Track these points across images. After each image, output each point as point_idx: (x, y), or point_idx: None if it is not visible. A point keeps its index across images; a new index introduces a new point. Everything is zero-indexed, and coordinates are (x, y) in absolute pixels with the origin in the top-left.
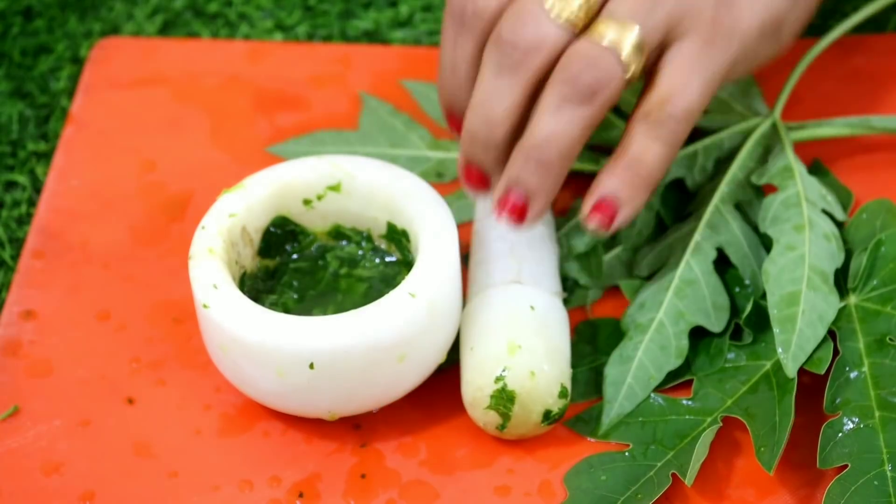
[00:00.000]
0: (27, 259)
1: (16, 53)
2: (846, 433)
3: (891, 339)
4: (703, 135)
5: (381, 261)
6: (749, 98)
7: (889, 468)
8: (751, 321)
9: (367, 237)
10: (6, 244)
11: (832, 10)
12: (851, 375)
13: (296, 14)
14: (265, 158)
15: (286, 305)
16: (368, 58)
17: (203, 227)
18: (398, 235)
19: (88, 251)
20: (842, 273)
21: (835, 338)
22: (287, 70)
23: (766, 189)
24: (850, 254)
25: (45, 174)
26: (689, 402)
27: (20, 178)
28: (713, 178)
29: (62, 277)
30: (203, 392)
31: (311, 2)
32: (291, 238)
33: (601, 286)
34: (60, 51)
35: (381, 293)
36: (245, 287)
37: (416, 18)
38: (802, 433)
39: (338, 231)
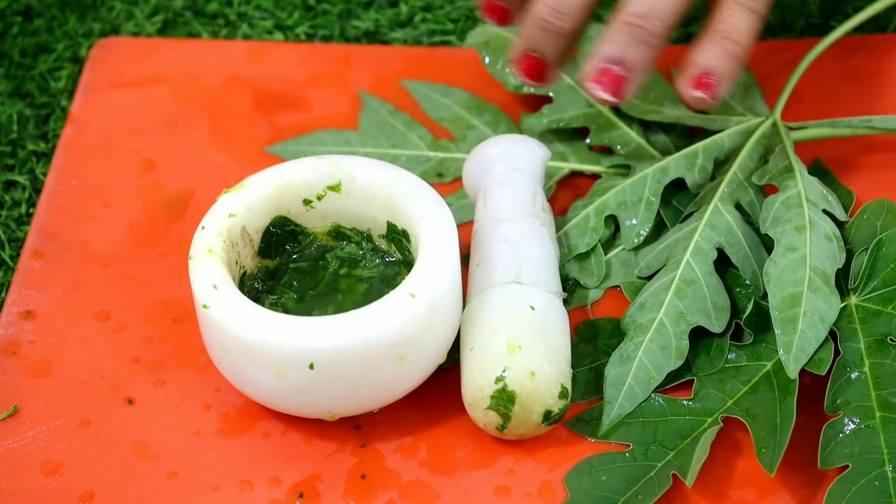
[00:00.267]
0: (27, 259)
1: (16, 53)
2: (847, 434)
3: (891, 340)
4: (704, 135)
5: (381, 261)
6: (749, 98)
7: (890, 468)
8: (751, 322)
9: (367, 237)
10: (6, 244)
11: (833, 10)
12: (852, 376)
13: (296, 14)
14: (265, 158)
15: (286, 306)
16: (368, 58)
17: (203, 227)
18: (398, 235)
19: (88, 251)
20: (842, 273)
21: (836, 338)
22: (287, 70)
23: (767, 189)
24: (851, 254)
25: (45, 174)
26: (690, 403)
27: (20, 178)
28: (714, 178)
29: (62, 277)
30: (203, 392)
31: (311, 2)
32: (291, 238)
33: (601, 286)
34: (60, 51)
35: (381, 293)
36: (245, 287)
37: (416, 18)
38: (803, 433)
39: (338, 231)
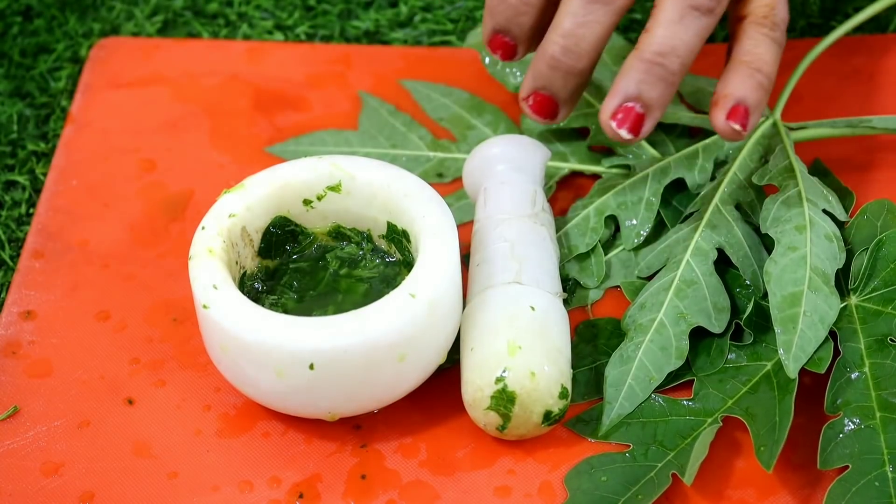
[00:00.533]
0: (27, 259)
1: (16, 53)
2: (847, 434)
3: (891, 340)
4: (704, 135)
5: (381, 261)
6: None
7: (890, 469)
8: (751, 322)
9: (367, 237)
10: (6, 244)
11: (833, 10)
12: (852, 376)
13: (296, 14)
14: (265, 158)
15: (286, 306)
16: (368, 58)
17: (203, 227)
18: (398, 235)
19: (88, 251)
20: (842, 273)
21: (836, 338)
22: (287, 70)
23: (767, 189)
24: (851, 254)
25: (45, 174)
26: (690, 403)
27: (20, 178)
28: (714, 179)
29: (62, 277)
30: (203, 392)
31: (311, 2)
32: (291, 238)
33: (601, 286)
34: (60, 51)
35: (381, 293)
36: (245, 287)
37: (416, 18)
38: (803, 434)
39: (338, 231)
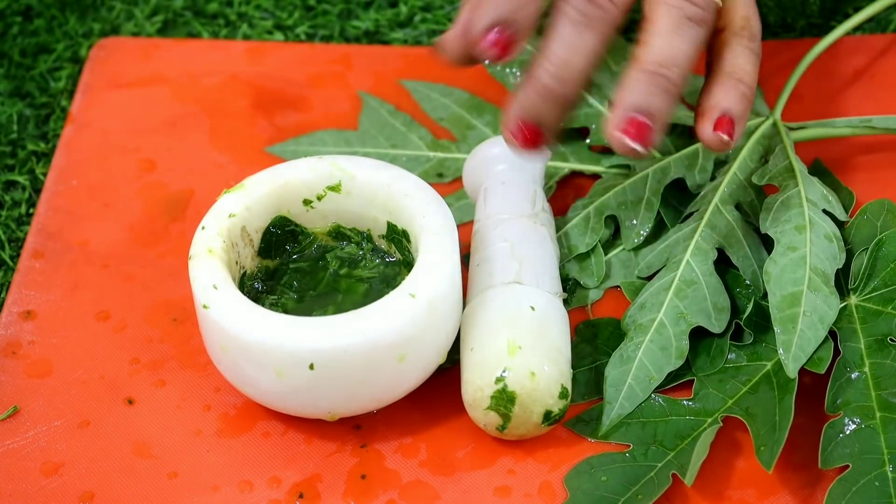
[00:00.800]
0: (27, 259)
1: (16, 53)
2: (847, 434)
3: (891, 340)
4: None
5: (381, 261)
6: None
7: (890, 469)
8: (751, 321)
9: (367, 237)
10: (6, 244)
11: (833, 10)
12: (852, 376)
13: (296, 14)
14: (265, 158)
15: (286, 306)
16: (368, 58)
17: (203, 227)
18: (398, 235)
19: (88, 251)
20: (842, 273)
21: (836, 338)
22: (287, 70)
23: (767, 189)
24: (851, 254)
25: (45, 174)
26: (690, 403)
27: (20, 178)
28: (714, 179)
29: (62, 277)
30: (203, 392)
31: (311, 2)
32: (291, 238)
33: (601, 286)
34: (60, 51)
35: (381, 293)
36: (245, 287)
37: (416, 18)
38: (803, 434)
39: (338, 231)
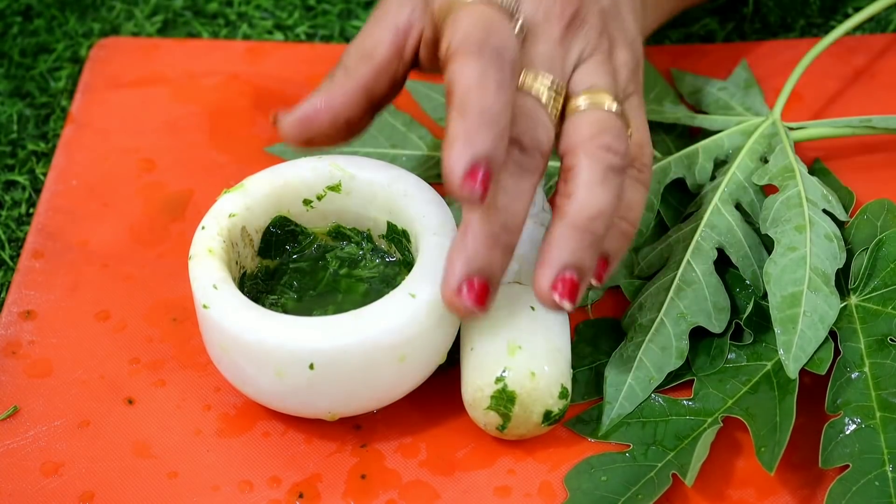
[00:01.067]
0: (27, 259)
1: (16, 53)
2: (847, 434)
3: (891, 340)
4: (704, 135)
5: (381, 261)
6: (749, 98)
7: (890, 468)
8: (751, 321)
9: (367, 237)
10: (6, 244)
11: (833, 10)
12: (853, 376)
13: (296, 14)
14: (265, 158)
15: (286, 306)
16: None
17: (203, 227)
18: (398, 235)
19: (88, 251)
20: (843, 273)
21: (836, 338)
22: (287, 70)
23: (767, 189)
24: (851, 254)
25: (45, 174)
26: (690, 403)
27: (20, 178)
28: (714, 179)
29: (62, 277)
30: (203, 392)
31: (311, 2)
32: (291, 238)
33: (601, 286)
34: (60, 51)
35: (381, 293)
36: (245, 287)
37: None
38: (802, 433)
39: (338, 231)
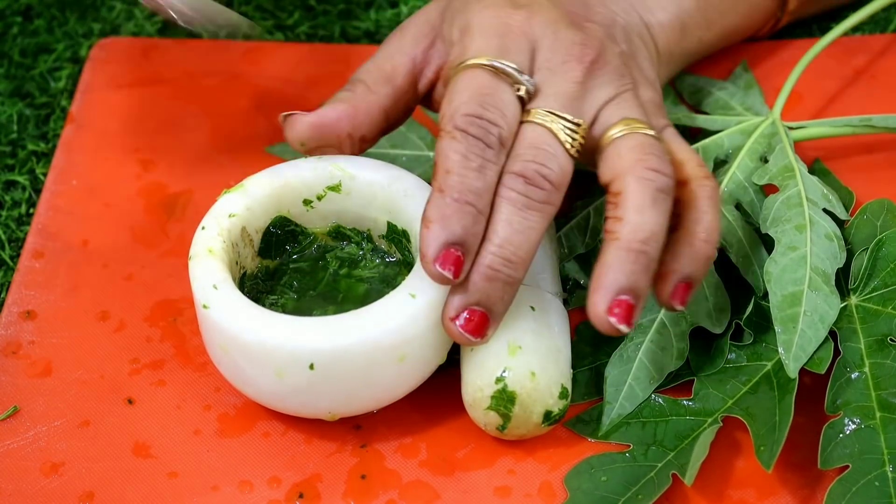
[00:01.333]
0: (27, 259)
1: (16, 53)
2: (847, 434)
3: (891, 340)
4: (704, 135)
5: (381, 261)
6: (749, 98)
7: (890, 469)
8: (751, 321)
9: (367, 237)
10: (6, 244)
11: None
12: (852, 376)
13: (296, 14)
14: (265, 158)
15: (286, 306)
16: (368, 58)
17: (203, 227)
18: (398, 235)
19: (88, 251)
20: (843, 273)
21: (836, 338)
22: (287, 70)
23: (767, 189)
24: (851, 254)
25: (45, 174)
26: (690, 403)
27: (20, 178)
28: None
29: (62, 277)
30: (203, 392)
31: (311, 2)
32: (291, 238)
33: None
34: (60, 51)
35: (381, 293)
36: (245, 287)
37: None
38: (803, 434)
39: (338, 231)
